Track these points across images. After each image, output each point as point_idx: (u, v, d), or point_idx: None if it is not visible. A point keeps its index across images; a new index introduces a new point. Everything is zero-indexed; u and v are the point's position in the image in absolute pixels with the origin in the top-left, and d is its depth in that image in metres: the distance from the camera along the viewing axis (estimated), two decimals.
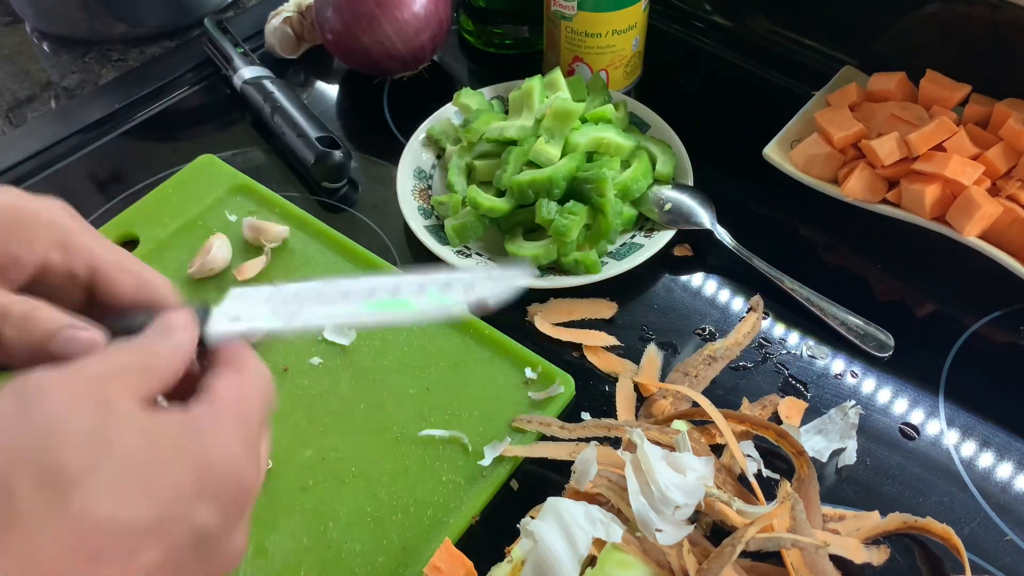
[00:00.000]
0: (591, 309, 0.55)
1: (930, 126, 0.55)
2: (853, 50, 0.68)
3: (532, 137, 0.58)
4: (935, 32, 0.64)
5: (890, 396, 0.50)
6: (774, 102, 0.67)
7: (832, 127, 0.58)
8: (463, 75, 0.74)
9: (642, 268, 0.55)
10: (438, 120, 0.64)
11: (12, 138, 0.68)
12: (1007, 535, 0.44)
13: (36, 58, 0.79)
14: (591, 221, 0.55)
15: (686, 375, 0.51)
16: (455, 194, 0.58)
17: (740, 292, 0.56)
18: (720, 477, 0.43)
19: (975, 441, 0.48)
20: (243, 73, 0.69)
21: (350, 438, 0.47)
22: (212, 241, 0.56)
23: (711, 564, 0.37)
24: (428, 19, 0.67)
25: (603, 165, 0.56)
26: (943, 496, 0.46)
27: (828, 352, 0.52)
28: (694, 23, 0.77)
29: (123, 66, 0.77)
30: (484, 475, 0.46)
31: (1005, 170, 0.55)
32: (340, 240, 0.58)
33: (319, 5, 0.68)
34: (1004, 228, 0.53)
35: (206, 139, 0.68)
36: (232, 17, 0.80)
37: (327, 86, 0.73)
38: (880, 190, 0.56)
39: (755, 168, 0.60)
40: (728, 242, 0.56)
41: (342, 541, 0.43)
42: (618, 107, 0.62)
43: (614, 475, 0.41)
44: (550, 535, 0.38)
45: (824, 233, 0.60)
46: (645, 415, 0.49)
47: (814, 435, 0.48)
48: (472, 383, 0.50)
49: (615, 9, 0.62)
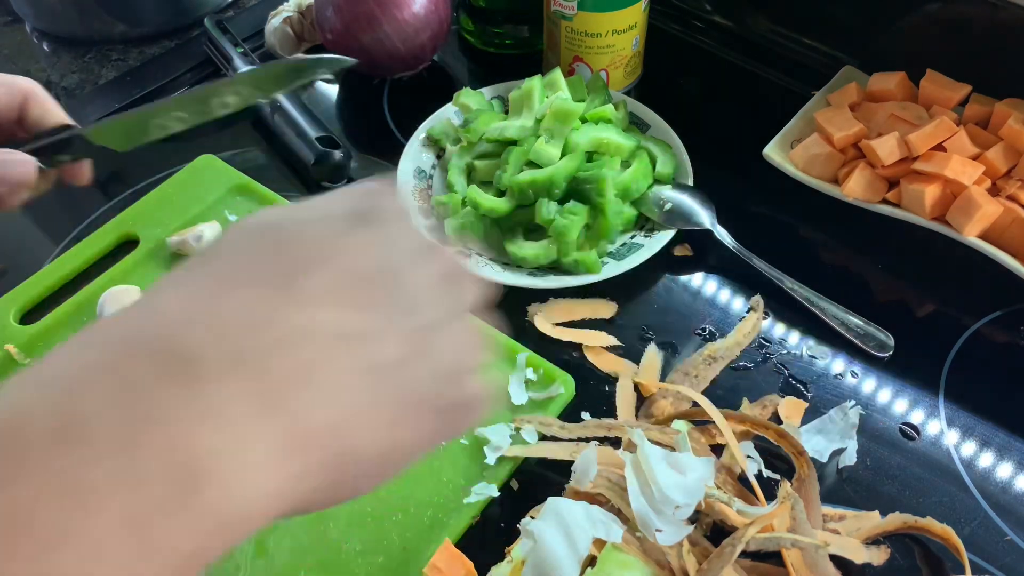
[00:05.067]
0: (591, 309, 0.55)
1: (930, 126, 0.55)
2: (853, 50, 0.68)
3: (532, 137, 0.58)
4: (935, 32, 0.64)
5: (890, 396, 0.50)
6: (774, 102, 0.67)
7: (832, 127, 0.58)
8: (463, 75, 0.74)
9: (642, 268, 0.55)
10: (438, 120, 0.64)
11: None
12: (1007, 535, 0.44)
13: (36, 58, 0.79)
14: (591, 221, 0.55)
15: (686, 375, 0.51)
16: (455, 194, 0.58)
17: (740, 292, 0.56)
18: (720, 477, 0.43)
19: (975, 441, 0.48)
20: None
21: None
22: (202, 227, 0.57)
23: (711, 564, 0.37)
24: (428, 19, 0.67)
25: (603, 165, 0.56)
26: (943, 496, 0.46)
27: (828, 352, 0.52)
28: (694, 23, 0.77)
29: (123, 66, 0.77)
30: (484, 475, 0.46)
31: (1005, 170, 0.55)
32: None
33: (319, 5, 0.68)
34: (1004, 228, 0.53)
35: (206, 139, 0.68)
36: (232, 17, 0.80)
37: (327, 86, 0.73)
38: (880, 190, 0.56)
39: (755, 168, 0.60)
40: (728, 242, 0.56)
41: (342, 541, 0.43)
42: (618, 107, 0.62)
43: (614, 475, 0.41)
44: (550, 535, 0.38)
45: (824, 233, 0.59)
46: (645, 415, 0.49)
47: (814, 435, 0.48)
48: None
49: (615, 9, 0.62)
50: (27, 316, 0.54)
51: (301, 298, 0.24)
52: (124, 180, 0.65)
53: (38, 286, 0.55)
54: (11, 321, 0.53)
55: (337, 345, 0.24)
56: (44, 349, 0.52)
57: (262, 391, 0.22)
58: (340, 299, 0.25)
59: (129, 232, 0.59)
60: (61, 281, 0.56)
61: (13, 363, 0.51)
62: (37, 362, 0.22)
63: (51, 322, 0.53)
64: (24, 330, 0.53)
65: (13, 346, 0.52)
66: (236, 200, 0.61)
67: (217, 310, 0.23)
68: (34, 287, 0.55)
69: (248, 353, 0.22)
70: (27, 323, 0.54)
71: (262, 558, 0.43)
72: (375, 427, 0.25)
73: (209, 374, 0.22)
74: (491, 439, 0.46)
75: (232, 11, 0.82)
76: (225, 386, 0.22)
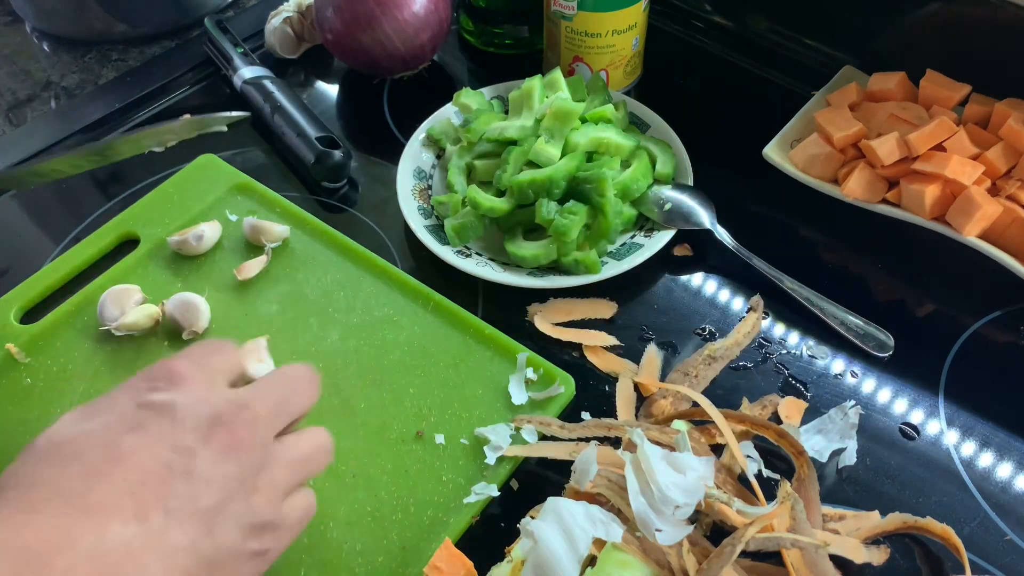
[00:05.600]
0: (591, 309, 0.55)
1: (930, 126, 0.55)
2: (853, 50, 0.68)
3: (532, 137, 0.58)
4: (935, 32, 0.64)
5: (890, 396, 0.50)
6: (774, 102, 0.67)
7: (832, 127, 0.58)
8: (463, 75, 0.74)
9: (642, 268, 0.55)
10: (438, 120, 0.64)
11: (12, 138, 0.68)
12: (1007, 535, 0.44)
13: (36, 58, 0.79)
14: (591, 221, 0.55)
15: (686, 375, 0.51)
16: (455, 194, 0.58)
17: (740, 292, 0.56)
18: (720, 477, 0.43)
19: (975, 441, 0.48)
20: (243, 73, 0.69)
21: (350, 438, 0.47)
22: (203, 226, 0.57)
23: (711, 564, 0.37)
24: (428, 19, 0.67)
25: (603, 165, 0.56)
26: (943, 496, 0.46)
27: (828, 352, 0.52)
28: (694, 23, 0.77)
29: (123, 66, 0.77)
30: (484, 475, 0.46)
31: (1005, 170, 0.55)
32: (340, 240, 0.58)
33: (319, 5, 0.68)
34: (1004, 228, 0.53)
35: (206, 139, 0.68)
36: (232, 17, 0.80)
37: (327, 86, 0.73)
38: (880, 190, 0.56)
39: (755, 168, 0.60)
40: (728, 242, 0.56)
41: (342, 541, 0.43)
42: (618, 107, 0.62)
43: (614, 475, 0.41)
44: (550, 535, 0.38)
45: (824, 233, 0.60)
46: (645, 415, 0.49)
47: (814, 435, 0.48)
48: (472, 383, 0.50)
49: (615, 9, 0.62)
50: (28, 315, 0.55)
51: (92, 508, 0.30)
52: (124, 180, 0.65)
53: (38, 285, 0.55)
54: (11, 320, 0.53)
55: (129, 547, 0.30)
56: (44, 348, 0.52)
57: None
58: (123, 505, 0.30)
59: (129, 231, 0.59)
60: (61, 280, 0.56)
61: (14, 362, 0.51)
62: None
63: (51, 321, 0.53)
64: (25, 329, 0.53)
65: (13, 345, 0.52)
66: (236, 199, 0.61)
67: (25, 535, 0.29)
68: (34, 286, 0.55)
69: (57, 570, 0.28)
70: (28, 322, 0.54)
71: None
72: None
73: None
74: (491, 439, 0.46)
75: (232, 11, 0.82)
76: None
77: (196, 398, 0.35)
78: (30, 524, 0.29)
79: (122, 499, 0.30)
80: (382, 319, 0.53)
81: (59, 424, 0.33)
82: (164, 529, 0.31)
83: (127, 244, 0.59)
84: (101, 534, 0.29)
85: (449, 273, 0.55)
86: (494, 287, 0.55)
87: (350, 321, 0.53)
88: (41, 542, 0.28)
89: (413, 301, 0.54)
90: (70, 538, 0.29)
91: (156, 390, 0.35)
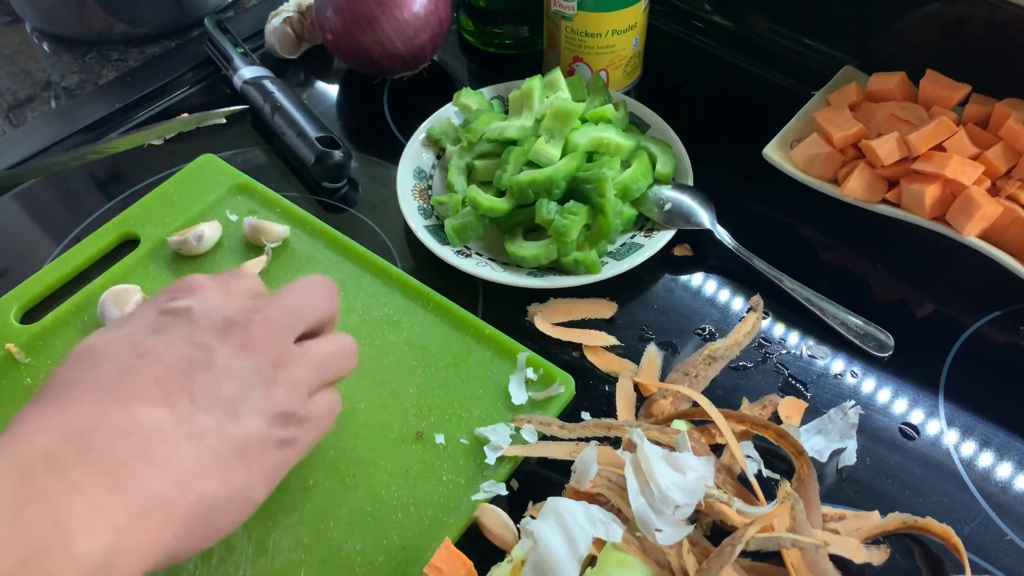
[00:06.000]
0: (591, 309, 0.55)
1: (930, 126, 0.55)
2: (853, 50, 0.68)
3: (532, 137, 0.58)
4: (935, 32, 0.64)
5: (890, 396, 0.50)
6: (774, 102, 0.67)
7: (832, 127, 0.58)
8: (463, 75, 0.74)
9: (642, 268, 0.55)
10: (438, 120, 0.64)
11: (12, 138, 0.68)
12: (1007, 535, 0.44)
13: (36, 58, 0.79)
14: (591, 221, 0.55)
15: (686, 375, 0.51)
16: (455, 194, 0.58)
17: (740, 292, 0.56)
18: (720, 477, 0.43)
19: (975, 441, 0.48)
20: (243, 73, 0.69)
21: (350, 438, 0.47)
22: (203, 226, 0.57)
23: (711, 564, 0.37)
24: (428, 19, 0.67)
25: (603, 165, 0.56)
26: (943, 496, 0.46)
27: (828, 352, 0.52)
28: (694, 23, 0.77)
29: (123, 66, 0.77)
30: (484, 475, 0.46)
31: (1005, 170, 0.55)
32: (340, 240, 0.58)
33: (319, 5, 0.68)
34: (1004, 228, 0.53)
35: (206, 139, 0.68)
36: (232, 17, 0.80)
37: (327, 86, 0.73)
38: (880, 190, 0.56)
39: (755, 168, 0.60)
40: (728, 242, 0.56)
41: (342, 540, 0.43)
42: (618, 107, 0.62)
43: (614, 475, 0.41)
44: (550, 535, 0.38)
45: (824, 233, 0.60)
46: (645, 415, 0.49)
47: (814, 435, 0.48)
48: (472, 383, 0.50)
49: (615, 9, 0.62)
50: (28, 315, 0.55)
51: (124, 396, 0.33)
52: (124, 180, 0.65)
53: (39, 285, 0.55)
54: (12, 320, 0.53)
55: (160, 427, 0.33)
56: (44, 348, 0.52)
57: (111, 471, 0.31)
58: (151, 394, 0.34)
59: (129, 231, 0.59)
60: (62, 280, 0.56)
61: (14, 362, 0.51)
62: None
63: (52, 321, 0.53)
64: (25, 329, 0.53)
65: (14, 345, 0.52)
66: (237, 199, 0.61)
67: (65, 418, 0.32)
68: (35, 286, 0.55)
69: (95, 447, 0.31)
70: (28, 322, 0.54)
71: (262, 557, 0.43)
72: (215, 476, 0.34)
73: (69, 466, 0.31)
74: (491, 439, 0.46)
75: (232, 11, 0.82)
76: (82, 473, 0.30)
77: (213, 305, 0.38)
78: (68, 411, 0.32)
79: (149, 389, 0.34)
80: (382, 319, 0.53)
81: (92, 335, 0.37)
82: (191, 414, 0.34)
83: (127, 244, 0.59)
84: (133, 417, 0.33)
85: (449, 273, 0.55)
86: (494, 287, 0.55)
87: (350, 321, 0.53)
88: (79, 423, 0.32)
89: (413, 301, 0.54)
90: (106, 419, 0.32)
91: (176, 299, 0.38)
